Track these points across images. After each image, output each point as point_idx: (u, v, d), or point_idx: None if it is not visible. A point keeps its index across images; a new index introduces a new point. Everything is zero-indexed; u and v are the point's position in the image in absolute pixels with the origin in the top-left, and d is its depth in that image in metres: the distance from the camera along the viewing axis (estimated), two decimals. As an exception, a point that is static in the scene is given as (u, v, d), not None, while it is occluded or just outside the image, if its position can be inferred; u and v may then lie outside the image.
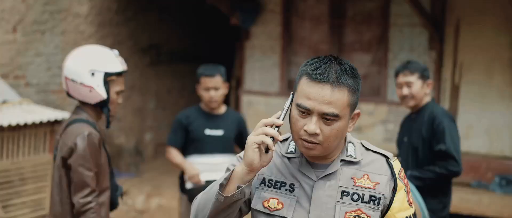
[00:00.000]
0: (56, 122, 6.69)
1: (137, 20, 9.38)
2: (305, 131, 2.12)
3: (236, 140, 5.34)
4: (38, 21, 7.79)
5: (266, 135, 2.07)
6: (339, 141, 2.18)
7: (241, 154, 2.26)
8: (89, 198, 3.59)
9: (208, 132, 5.14)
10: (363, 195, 2.19)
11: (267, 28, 9.15)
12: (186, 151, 5.21)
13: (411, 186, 4.15)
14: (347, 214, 2.17)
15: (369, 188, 2.20)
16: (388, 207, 2.23)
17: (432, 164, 4.52)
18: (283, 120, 2.13)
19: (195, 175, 4.98)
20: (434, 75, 8.06)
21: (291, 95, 2.18)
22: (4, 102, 6.55)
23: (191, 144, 5.17)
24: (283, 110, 2.16)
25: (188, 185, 5.03)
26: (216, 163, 5.09)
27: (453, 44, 8.07)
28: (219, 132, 5.16)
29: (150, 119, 10.01)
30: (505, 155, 7.84)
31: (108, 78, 3.70)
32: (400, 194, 2.24)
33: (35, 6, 7.73)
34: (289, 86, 9.08)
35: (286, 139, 2.31)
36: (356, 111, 2.23)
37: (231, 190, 2.11)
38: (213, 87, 5.08)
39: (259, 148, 2.08)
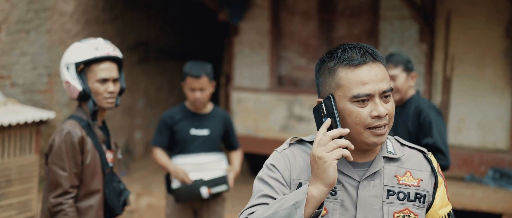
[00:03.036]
0: (42, 122, 6.59)
1: (124, 17, 9.27)
2: (376, 116, 2.01)
3: (222, 139, 5.24)
4: (23, 20, 7.67)
5: (340, 147, 1.96)
6: None
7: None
8: (60, 199, 3.49)
9: (193, 132, 5.03)
10: (408, 193, 2.10)
11: (255, 24, 9.06)
12: (171, 151, 5.11)
13: None
14: (396, 215, 2.08)
15: (414, 185, 2.12)
16: (430, 204, 2.15)
17: None
18: (340, 126, 2.01)
19: (180, 173, 4.86)
20: (425, 68, 8.00)
21: (330, 98, 2.03)
22: (-12, 103, 6.44)
23: (177, 144, 5.07)
24: (333, 118, 2.01)
25: (175, 184, 4.92)
26: (201, 162, 4.99)
27: (444, 36, 8.00)
28: (204, 132, 5.05)
29: (140, 118, 9.91)
30: (498, 148, 7.78)
31: (80, 69, 3.59)
32: (441, 190, 2.18)
33: (20, 4, 7.60)
34: (279, 82, 8.99)
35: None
36: None
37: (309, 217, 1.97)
38: (198, 89, 4.95)
39: None
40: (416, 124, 4.46)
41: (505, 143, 7.74)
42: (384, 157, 2.13)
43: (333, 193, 2.07)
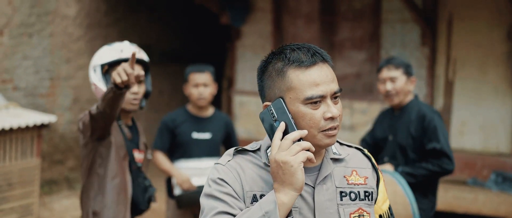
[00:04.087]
0: (43, 126, 6.59)
1: (127, 21, 9.28)
2: (330, 118, 1.97)
3: (223, 143, 5.21)
4: (25, 23, 7.68)
5: (303, 149, 1.91)
6: None
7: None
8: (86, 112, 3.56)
9: (195, 135, 5.00)
10: (358, 192, 2.09)
11: (257, 27, 9.06)
12: (173, 155, 5.09)
13: (404, 184, 4.06)
14: (352, 215, 2.05)
15: (361, 184, 2.10)
16: (375, 200, 2.15)
17: (424, 161, 4.38)
18: (296, 128, 1.96)
19: (185, 181, 4.86)
20: (427, 71, 7.98)
21: (281, 101, 1.97)
22: (-11, 106, 6.45)
23: (178, 147, 5.04)
24: (287, 121, 1.95)
25: (177, 191, 4.90)
26: (203, 167, 4.97)
27: (446, 39, 7.98)
28: (206, 135, 5.03)
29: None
30: (501, 152, 7.75)
31: (105, 70, 3.66)
32: (381, 185, 2.18)
33: (22, 8, 7.62)
34: (282, 86, 8.98)
35: (258, 149, 2.09)
36: None
37: None
38: (202, 84, 4.94)
39: None
40: (420, 128, 4.40)
41: (507, 147, 7.71)
42: (331, 159, 2.10)
43: None
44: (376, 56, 8.35)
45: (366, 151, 2.20)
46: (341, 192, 2.06)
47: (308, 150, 1.91)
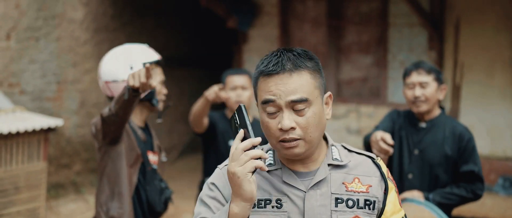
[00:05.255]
0: (50, 130, 6.59)
1: (134, 25, 9.29)
2: (280, 129, 1.95)
3: None
4: (32, 27, 7.69)
5: (253, 158, 1.87)
6: (321, 132, 2.02)
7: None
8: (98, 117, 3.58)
9: (231, 143, 4.77)
10: (357, 200, 2.04)
11: (264, 31, 9.05)
12: (207, 155, 4.84)
13: (438, 210, 3.81)
14: None
15: (363, 191, 2.05)
16: (381, 211, 2.08)
17: (455, 185, 4.01)
18: (253, 135, 1.90)
19: (215, 89, 4.49)
20: (435, 75, 7.97)
21: (240, 107, 1.94)
22: (-4, 110, 6.46)
23: (213, 149, 4.81)
24: (245, 128, 1.91)
25: None
26: None
27: (453, 44, 7.96)
28: None
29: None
30: (508, 156, 7.72)
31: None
32: (392, 196, 2.11)
33: (29, 12, 7.63)
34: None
35: None
36: (328, 93, 2.07)
37: None
38: (240, 86, 4.69)
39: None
40: (456, 148, 4.01)
41: (515, 151, 7.69)
42: (329, 165, 2.07)
43: (279, 206, 2.00)
44: (383, 60, 8.33)
45: (377, 160, 2.14)
46: (336, 199, 2.03)
47: (260, 158, 1.87)
